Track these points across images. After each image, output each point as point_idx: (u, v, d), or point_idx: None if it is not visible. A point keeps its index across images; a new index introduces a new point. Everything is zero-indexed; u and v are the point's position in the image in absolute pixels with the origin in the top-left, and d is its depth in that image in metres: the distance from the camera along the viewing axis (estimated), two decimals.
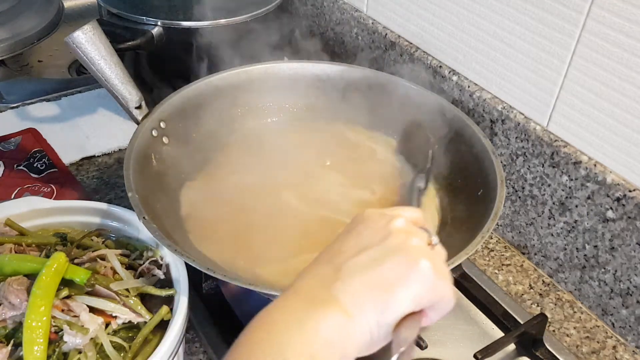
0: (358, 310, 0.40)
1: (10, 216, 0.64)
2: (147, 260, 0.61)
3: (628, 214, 0.64)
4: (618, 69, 0.62)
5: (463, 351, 0.65)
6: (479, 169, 0.69)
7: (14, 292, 0.54)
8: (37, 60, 1.21)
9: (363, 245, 0.43)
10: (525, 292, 0.74)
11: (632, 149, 0.64)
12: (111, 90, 0.68)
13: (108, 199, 0.82)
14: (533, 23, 0.69)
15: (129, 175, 0.62)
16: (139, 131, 0.68)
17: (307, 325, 0.39)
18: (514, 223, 0.79)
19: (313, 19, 1.08)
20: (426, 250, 0.43)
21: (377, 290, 0.40)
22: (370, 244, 0.43)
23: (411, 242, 0.42)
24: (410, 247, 0.42)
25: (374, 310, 0.40)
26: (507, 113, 0.75)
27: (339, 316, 0.39)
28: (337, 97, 0.84)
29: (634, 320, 0.67)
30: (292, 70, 0.83)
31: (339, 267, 0.41)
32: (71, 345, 0.53)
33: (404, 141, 0.81)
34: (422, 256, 0.42)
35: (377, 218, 0.45)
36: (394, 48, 0.90)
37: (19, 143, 0.90)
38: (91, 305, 0.55)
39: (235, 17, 0.89)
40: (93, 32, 0.64)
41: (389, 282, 0.40)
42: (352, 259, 0.42)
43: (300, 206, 0.72)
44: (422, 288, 0.41)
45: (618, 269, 0.67)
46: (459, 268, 0.70)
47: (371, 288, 0.40)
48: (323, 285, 0.41)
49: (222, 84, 0.80)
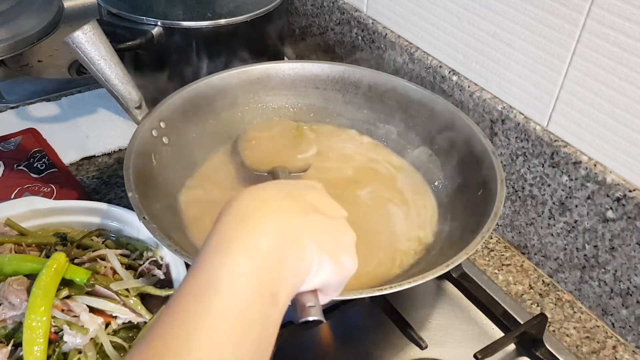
0: (317, 254, 0.41)
1: (10, 216, 0.64)
2: (147, 260, 0.61)
3: (628, 214, 0.64)
4: (618, 69, 0.62)
5: (463, 351, 0.65)
6: (479, 169, 0.69)
7: (14, 292, 0.54)
8: (37, 60, 1.21)
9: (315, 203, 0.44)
10: (525, 292, 0.74)
11: (632, 149, 0.64)
12: (111, 90, 0.68)
13: (108, 199, 0.82)
14: (533, 23, 0.69)
15: (129, 175, 0.62)
16: (139, 131, 0.68)
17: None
18: (514, 223, 0.79)
19: (313, 19, 1.08)
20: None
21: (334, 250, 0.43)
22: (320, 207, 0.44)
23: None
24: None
25: (329, 262, 0.42)
26: (507, 113, 0.75)
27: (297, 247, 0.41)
28: (337, 97, 0.84)
29: (634, 320, 0.67)
30: (292, 70, 0.83)
31: (304, 209, 0.42)
32: (71, 345, 0.53)
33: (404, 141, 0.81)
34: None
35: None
36: (394, 48, 0.90)
37: (19, 143, 0.90)
38: (91, 305, 0.56)
39: (235, 17, 0.89)
40: (93, 32, 0.64)
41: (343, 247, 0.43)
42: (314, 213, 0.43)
43: None
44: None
45: (618, 269, 0.67)
46: (459, 268, 0.70)
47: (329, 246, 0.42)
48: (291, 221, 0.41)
49: (222, 84, 0.80)
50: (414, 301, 0.71)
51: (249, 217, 0.40)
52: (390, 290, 0.53)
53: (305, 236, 0.41)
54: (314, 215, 0.43)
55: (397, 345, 0.65)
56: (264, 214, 0.40)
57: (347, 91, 0.83)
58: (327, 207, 0.45)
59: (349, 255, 0.44)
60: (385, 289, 0.53)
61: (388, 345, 0.65)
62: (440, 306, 0.71)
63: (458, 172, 0.73)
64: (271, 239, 0.39)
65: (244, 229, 0.39)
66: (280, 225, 0.40)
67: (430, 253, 0.67)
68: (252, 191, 0.42)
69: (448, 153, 0.75)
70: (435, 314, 0.70)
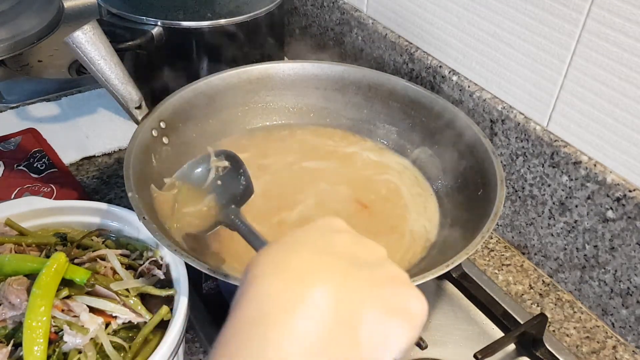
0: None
1: (10, 216, 0.64)
2: (147, 260, 0.61)
3: (628, 214, 0.64)
4: (618, 69, 0.62)
5: (463, 351, 0.65)
6: (479, 169, 0.69)
7: (14, 292, 0.54)
8: (37, 60, 1.21)
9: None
10: (525, 292, 0.74)
11: (632, 149, 0.64)
12: (111, 90, 0.68)
13: (108, 199, 0.82)
14: (533, 23, 0.69)
15: (129, 175, 0.62)
16: (139, 131, 0.68)
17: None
18: (514, 223, 0.79)
19: (313, 19, 1.08)
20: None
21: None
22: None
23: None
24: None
25: (397, 324, 0.35)
26: (507, 113, 0.75)
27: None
28: (337, 97, 0.84)
29: (634, 320, 0.67)
30: (292, 70, 0.83)
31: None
32: (71, 345, 0.53)
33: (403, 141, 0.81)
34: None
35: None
36: (394, 48, 0.90)
37: (19, 143, 0.90)
38: (91, 305, 0.55)
39: (235, 17, 0.89)
40: (93, 32, 0.64)
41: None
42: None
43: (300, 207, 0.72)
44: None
45: (618, 269, 0.67)
46: (459, 268, 0.70)
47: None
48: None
49: (222, 84, 0.80)
50: None
51: (271, 314, 0.31)
52: None
53: (362, 308, 0.32)
54: (359, 271, 0.34)
55: None
56: (295, 304, 0.31)
57: (347, 91, 0.83)
58: (365, 250, 0.37)
59: (414, 297, 0.36)
60: None
61: None
62: (440, 306, 0.71)
63: (458, 172, 0.73)
64: (312, 336, 0.30)
65: (268, 333, 0.30)
66: (326, 305, 0.31)
67: (431, 253, 0.67)
68: (270, 263, 0.33)
69: (448, 153, 0.75)
70: (435, 314, 0.70)
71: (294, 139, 0.82)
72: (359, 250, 0.36)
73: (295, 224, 0.69)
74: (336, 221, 0.39)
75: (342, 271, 0.33)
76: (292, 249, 0.35)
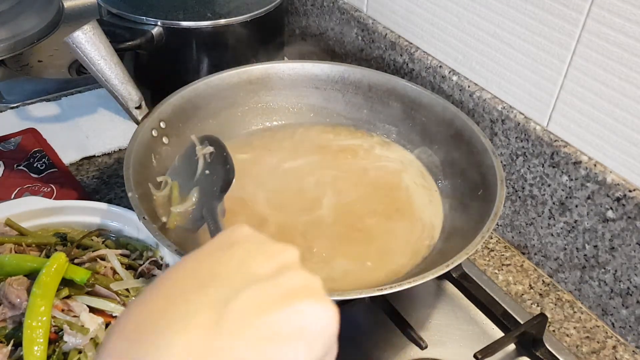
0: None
1: (10, 216, 0.64)
2: (147, 260, 0.61)
3: (628, 214, 0.64)
4: (618, 69, 0.62)
5: (463, 351, 0.65)
6: (479, 169, 0.69)
7: (14, 292, 0.54)
8: (37, 60, 1.21)
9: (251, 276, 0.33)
10: (525, 292, 0.74)
11: (632, 149, 0.64)
12: (111, 90, 0.68)
13: (108, 199, 0.82)
14: (533, 23, 0.69)
15: (129, 175, 0.62)
16: (139, 131, 0.68)
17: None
18: (514, 223, 0.79)
19: (313, 18, 1.08)
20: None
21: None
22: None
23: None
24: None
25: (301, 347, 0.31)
26: (507, 113, 0.75)
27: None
28: (337, 97, 0.84)
29: (634, 320, 0.67)
30: (292, 70, 0.83)
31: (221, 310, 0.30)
32: (71, 345, 0.53)
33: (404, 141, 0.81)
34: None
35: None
36: (394, 48, 0.90)
37: (19, 143, 0.90)
38: (91, 305, 0.56)
39: (235, 17, 0.89)
40: (93, 32, 0.64)
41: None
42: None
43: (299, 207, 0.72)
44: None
45: (618, 269, 0.67)
46: (459, 268, 0.70)
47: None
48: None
49: (222, 84, 0.80)
50: (414, 301, 0.71)
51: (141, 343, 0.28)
52: (390, 290, 0.53)
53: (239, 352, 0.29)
54: (243, 296, 0.31)
55: (397, 345, 0.65)
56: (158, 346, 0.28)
57: (347, 91, 0.83)
58: (262, 261, 0.34)
59: (312, 314, 0.32)
60: (385, 289, 0.53)
61: (388, 345, 0.65)
62: (440, 306, 0.71)
63: (458, 172, 0.73)
64: None
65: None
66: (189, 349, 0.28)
67: (431, 253, 0.67)
68: (138, 304, 0.30)
69: (448, 153, 0.75)
70: (435, 314, 0.70)
71: (294, 139, 0.82)
72: (253, 264, 0.33)
73: (296, 225, 0.69)
74: (238, 230, 0.36)
75: (215, 311, 0.30)
76: (158, 294, 0.31)
